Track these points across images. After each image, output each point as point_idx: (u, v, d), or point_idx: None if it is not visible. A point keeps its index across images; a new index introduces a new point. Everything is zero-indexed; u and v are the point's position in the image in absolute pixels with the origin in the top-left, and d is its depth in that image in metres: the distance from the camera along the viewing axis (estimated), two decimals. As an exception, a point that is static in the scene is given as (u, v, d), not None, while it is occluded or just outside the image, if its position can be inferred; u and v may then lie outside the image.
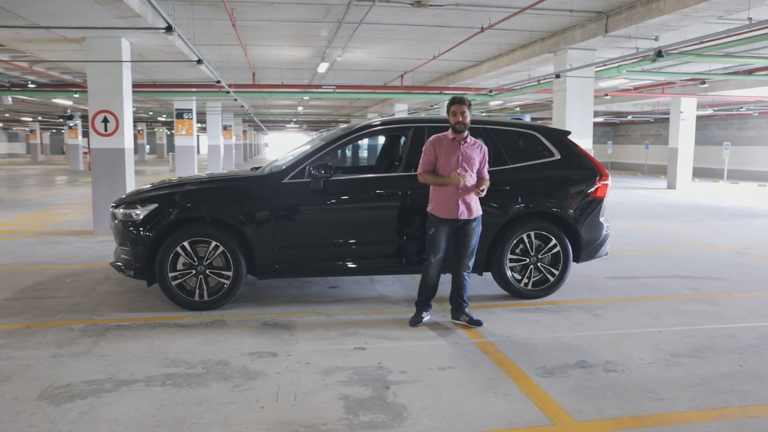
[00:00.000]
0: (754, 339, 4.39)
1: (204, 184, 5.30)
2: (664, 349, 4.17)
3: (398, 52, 12.81)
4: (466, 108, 4.57)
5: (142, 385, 3.49)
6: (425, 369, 3.79)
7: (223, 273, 5.03)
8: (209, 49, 11.53)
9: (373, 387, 3.50)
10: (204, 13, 8.72)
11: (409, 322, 4.71)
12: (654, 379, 3.64)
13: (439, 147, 4.63)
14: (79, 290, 5.69)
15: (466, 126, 4.59)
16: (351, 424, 3.04)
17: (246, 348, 4.15)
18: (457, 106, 4.57)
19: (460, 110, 4.55)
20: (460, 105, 4.57)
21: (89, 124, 8.92)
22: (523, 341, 4.34)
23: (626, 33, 8.41)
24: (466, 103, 4.59)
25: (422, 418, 3.12)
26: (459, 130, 4.58)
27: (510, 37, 10.70)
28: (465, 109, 4.56)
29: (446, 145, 4.62)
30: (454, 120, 4.57)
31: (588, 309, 5.20)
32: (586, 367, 3.83)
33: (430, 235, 4.68)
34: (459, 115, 4.55)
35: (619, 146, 33.10)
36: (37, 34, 8.51)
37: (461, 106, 4.56)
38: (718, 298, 5.60)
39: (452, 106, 4.60)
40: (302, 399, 3.33)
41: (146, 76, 14.45)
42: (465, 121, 4.56)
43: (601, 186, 5.61)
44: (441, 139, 4.66)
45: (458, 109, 4.56)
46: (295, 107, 30.86)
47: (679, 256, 7.58)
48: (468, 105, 4.59)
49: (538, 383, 3.57)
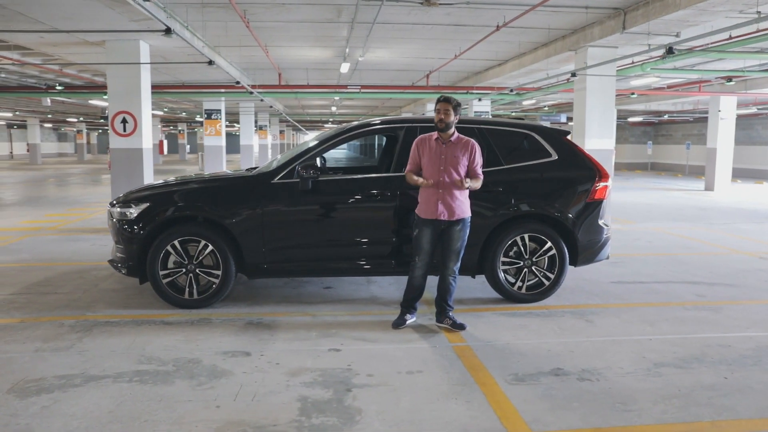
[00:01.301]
0: (749, 350, 4.17)
1: (195, 184, 5.37)
2: (649, 358, 4.00)
3: (419, 52, 12.74)
4: (451, 107, 4.51)
5: (110, 381, 3.55)
6: (394, 372, 3.74)
7: (212, 272, 5.08)
8: (230, 50, 11.71)
9: (334, 389, 3.48)
10: (218, 15, 8.85)
11: (392, 325, 4.67)
12: (628, 390, 3.50)
13: (422, 147, 4.60)
14: (81, 287, 5.85)
15: (448, 125, 4.52)
16: (300, 426, 3.02)
17: (223, 347, 4.19)
18: (441, 105, 4.52)
19: (444, 108, 4.50)
20: (445, 103, 4.52)
21: (109, 125, 9.18)
22: (503, 346, 4.24)
23: (644, 29, 8.14)
24: (452, 102, 4.53)
25: (374, 422, 3.08)
26: (442, 129, 4.53)
27: (529, 35, 10.50)
28: (449, 108, 4.50)
29: (430, 145, 4.58)
30: (437, 118, 4.53)
31: (581, 314, 5.04)
32: (560, 375, 3.71)
33: (414, 235, 4.65)
34: (442, 113, 4.50)
35: (660, 146, 32.09)
36: (60, 38, 8.81)
37: (445, 105, 4.51)
38: (724, 305, 5.35)
39: (437, 104, 4.56)
40: (260, 399, 3.33)
41: (175, 78, 14.79)
42: (447, 119, 4.50)
43: (600, 187, 5.44)
44: (425, 139, 4.63)
45: (442, 107, 4.51)
46: (328, 107, 31.09)
47: (695, 261, 7.28)
48: (454, 104, 4.53)
49: (504, 390, 3.48)
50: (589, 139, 9.87)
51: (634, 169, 31.82)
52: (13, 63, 10.77)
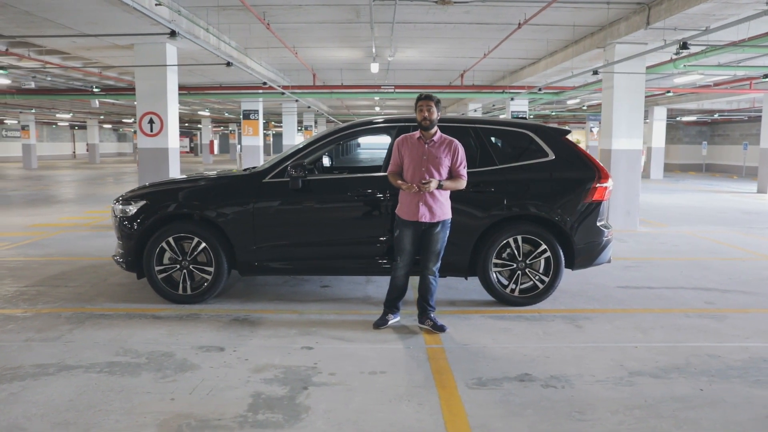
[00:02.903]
0: (738, 361, 3.94)
1: (190, 183, 5.50)
2: (627, 367, 3.84)
3: (448, 51, 12.65)
4: (434, 104, 4.41)
5: (81, 372, 3.70)
6: (356, 372, 3.74)
7: (205, 269, 5.21)
8: (259, 52, 11.96)
9: (291, 387, 3.50)
10: (239, 18, 9.05)
11: (373, 325, 4.65)
12: (591, 398, 3.37)
13: (404, 147, 4.54)
14: (91, 281, 6.10)
15: (432, 123, 4.43)
16: (244, 422, 3.06)
17: (201, 342, 4.28)
18: (423, 102, 4.43)
19: (427, 106, 4.40)
20: (427, 101, 4.42)
21: (137, 125, 9.52)
22: (478, 350, 4.16)
23: (670, 24, 7.80)
24: (434, 99, 4.45)
25: (317, 421, 3.08)
26: (425, 127, 4.44)
27: (555, 33, 10.25)
28: (432, 105, 4.40)
29: (411, 145, 4.51)
30: (420, 116, 4.43)
31: (573, 319, 4.89)
32: (525, 381, 3.61)
33: (396, 236, 4.62)
34: (425, 111, 4.40)
35: (716, 147, 30.62)
36: (91, 42, 9.21)
37: (428, 102, 4.41)
38: (731, 313, 5.07)
39: (418, 102, 4.46)
40: (215, 394, 3.39)
41: (212, 79, 15.20)
42: (431, 117, 4.41)
43: (599, 188, 5.25)
44: (407, 139, 4.55)
45: (424, 105, 4.41)
46: (372, 107, 31.25)
47: (717, 266, 6.93)
48: (435, 101, 4.45)
49: (461, 394, 3.42)
50: (617, 139, 9.54)
51: (687, 171, 30.52)
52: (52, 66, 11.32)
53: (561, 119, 33.78)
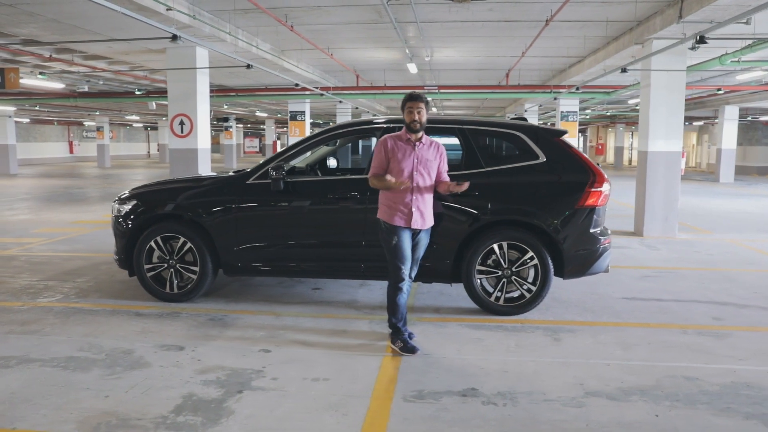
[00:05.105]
0: (716, 385, 3.58)
1: (179, 184, 5.60)
2: (587, 386, 3.58)
3: (485, 50, 12.37)
4: (423, 105, 4.17)
5: (37, 366, 3.83)
6: (299, 378, 3.67)
7: (191, 268, 5.29)
8: (296, 54, 12.10)
9: (227, 390, 3.48)
10: (263, 21, 9.18)
11: (409, 350, 4.11)
12: (528, 419, 3.15)
13: (393, 149, 4.22)
14: (98, 277, 6.35)
15: (423, 125, 4.22)
16: (161, 423, 3.07)
17: (166, 340, 4.35)
18: (413, 103, 4.17)
19: (417, 107, 4.15)
20: (417, 102, 4.16)
21: (168, 127, 9.85)
22: (436, 360, 4.00)
23: (704, 17, 7.25)
24: (423, 100, 4.20)
25: (232, 426, 3.05)
26: (415, 130, 4.20)
27: (589, 29, 9.79)
28: (422, 107, 4.16)
29: (399, 147, 4.22)
30: (410, 118, 4.16)
31: (555, 331, 4.62)
32: (468, 396, 3.43)
33: (394, 244, 4.16)
34: (415, 113, 4.14)
35: (802, 148, 28.37)
36: (126, 47, 9.61)
37: (417, 103, 4.16)
38: (736, 331, 4.64)
39: (407, 102, 4.19)
40: (149, 393, 3.42)
41: (257, 81, 15.54)
42: (422, 119, 4.17)
43: (593, 192, 4.93)
44: (393, 140, 4.25)
45: (414, 106, 4.15)
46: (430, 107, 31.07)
47: (747, 279, 6.38)
48: (426, 103, 4.22)
49: (393, 407, 3.29)
50: (653, 141, 8.98)
51: (766, 174, 28.42)
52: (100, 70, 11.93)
53: (627, 119, 32.35)
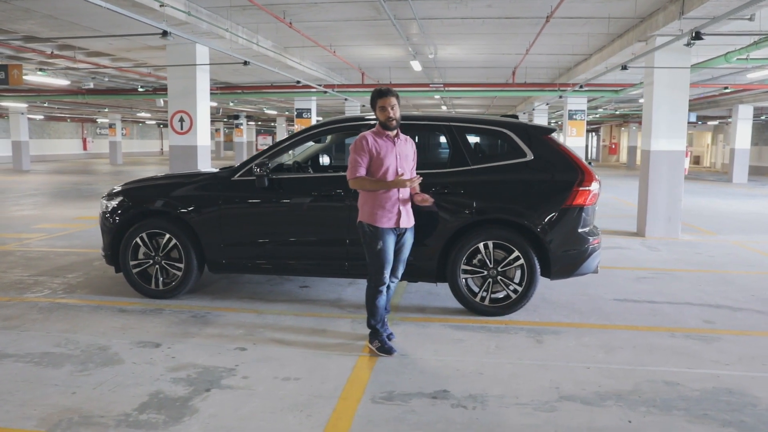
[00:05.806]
0: (696, 391, 3.48)
1: (166, 180, 5.59)
2: (561, 390, 3.49)
3: (488, 48, 12.25)
4: (396, 100, 4.04)
5: (11, 361, 3.83)
6: (270, 377, 3.63)
7: (176, 265, 5.28)
8: (299, 51, 12.06)
9: (195, 388, 3.45)
10: (262, 17, 9.14)
11: (386, 351, 4.02)
12: (495, 423, 3.08)
13: (377, 146, 4.05)
14: (89, 273, 6.36)
15: (398, 122, 4.10)
16: (123, 421, 3.04)
17: (144, 337, 4.33)
18: (384, 100, 4.01)
19: (390, 104, 3.99)
20: (388, 98, 4.00)
21: (168, 124, 9.87)
22: (411, 361, 3.93)
23: (706, 13, 7.09)
24: (394, 94, 4.06)
25: (194, 425, 3.01)
26: (391, 128, 4.07)
27: (593, 26, 9.64)
28: (394, 102, 4.01)
29: (381, 144, 4.07)
30: (384, 116, 4.01)
31: (538, 333, 4.53)
32: (438, 398, 3.36)
33: (379, 248, 4.01)
34: (389, 110, 3.99)
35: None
36: (126, 43, 9.64)
37: (389, 99, 4.00)
38: (726, 335, 4.52)
39: (378, 99, 4.03)
40: (117, 391, 3.40)
41: (262, 79, 15.54)
42: (396, 116, 4.04)
43: (581, 191, 4.83)
44: (373, 137, 4.09)
45: (387, 103, 3.99)
46: (438, 106, 30.92)
47: (745, 282, 6.23)
48: (397, 96, 4.07)
49: (359, 408, 3.23)
50: (656, 140, 8.83)
51: (782, 174, 27.92)
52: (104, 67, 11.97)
53: (640, 118, 31.95)
